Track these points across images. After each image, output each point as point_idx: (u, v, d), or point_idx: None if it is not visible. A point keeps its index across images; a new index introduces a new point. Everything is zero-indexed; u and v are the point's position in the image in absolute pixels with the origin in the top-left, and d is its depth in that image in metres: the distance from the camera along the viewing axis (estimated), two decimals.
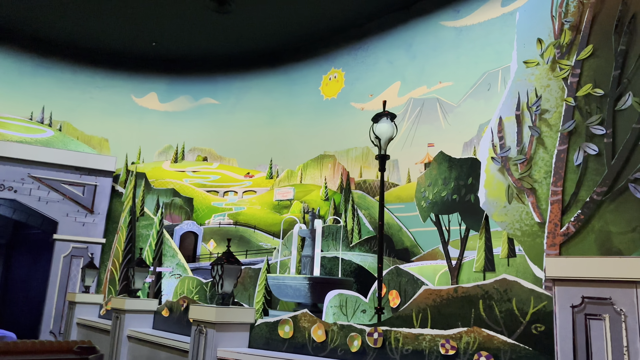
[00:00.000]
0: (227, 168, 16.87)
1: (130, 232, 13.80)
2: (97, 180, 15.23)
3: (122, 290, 13.46)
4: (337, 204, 15.84)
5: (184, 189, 16.51)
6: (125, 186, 15.91)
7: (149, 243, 14.39)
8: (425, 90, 14.56)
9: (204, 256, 15.45)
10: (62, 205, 14.80)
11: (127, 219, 13.94)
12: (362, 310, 8.01)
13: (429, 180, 8.96)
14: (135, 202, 14.62)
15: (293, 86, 18.77)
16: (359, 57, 16.89)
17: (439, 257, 11.65)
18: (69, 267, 14.50)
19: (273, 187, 16.42)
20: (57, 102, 19.40)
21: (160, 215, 14.26)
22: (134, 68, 20.69)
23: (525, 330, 5.01)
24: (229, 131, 18.75)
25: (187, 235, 15.39)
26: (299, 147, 17.47)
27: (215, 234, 15.90)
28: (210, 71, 20.50)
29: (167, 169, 16.72)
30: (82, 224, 14.87)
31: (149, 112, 20.24)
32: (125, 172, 16.22)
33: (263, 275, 11.83)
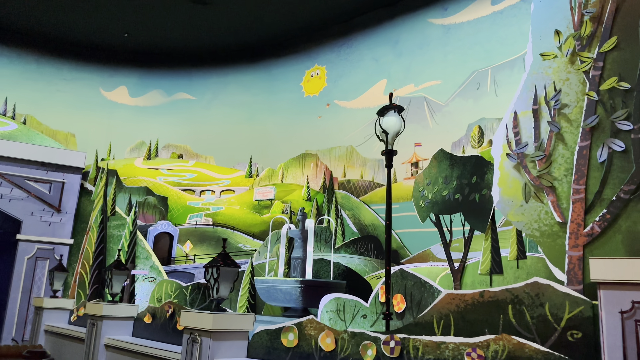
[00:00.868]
0: (204, 166, 16.16)
1: (101, 232, 12.95)
2: (65, 177, 14.29)
3: (93, 294, 12.60)
4: (319, 204, 15.37)
5: (158, 188, 15.71)
6: (95, 184, 15.00)
7: (121, 244, 13.55)
8: (412, 89, 14.27)
9: (180, 258, 14.70)
10: (26, 203, 13.80)
11: (99, 218, 13.08)
12: (362, 316, 7.56)
13: (428, 178, 8.59)
14: (106, 201, 13.75)
15: (273, 82, 18.21)
16: (342, 54, 16.48)
17: (430, 259, 11.33)
18: (34, 269, 13.52)
19: (253, 186, 15.81)
20: (20, 94, 18.22)
21: (134, 215, 13.46)
22: (104, 60, 19.69)
23: (560, 337, 4.66)
24: (205, 128, 18.02)
25: (161, 236, 14.61)
26: (280, 146, 16.92)
27: (192, 235, 15.17)
28: (185, 65, 19.70)
29: (139, 166, 15.87)
30: (49, 224, 13.91)
31: (118, 107, 19.28)
32: (95, 169, 15.30)
33: (246, 278, 11.24)
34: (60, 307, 10.56)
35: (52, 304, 10.48)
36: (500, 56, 12.70)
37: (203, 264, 14.64)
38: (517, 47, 12.45)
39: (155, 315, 7.94)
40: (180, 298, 11.00)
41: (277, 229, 15.01)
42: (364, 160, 14.96)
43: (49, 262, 13.69)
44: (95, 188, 14.77)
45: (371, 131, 15.27)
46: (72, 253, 14.13)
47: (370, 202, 14.50)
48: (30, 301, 13.29)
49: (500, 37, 12.85)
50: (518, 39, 12.49)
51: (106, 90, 19.53)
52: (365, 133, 15.14)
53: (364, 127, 15.19)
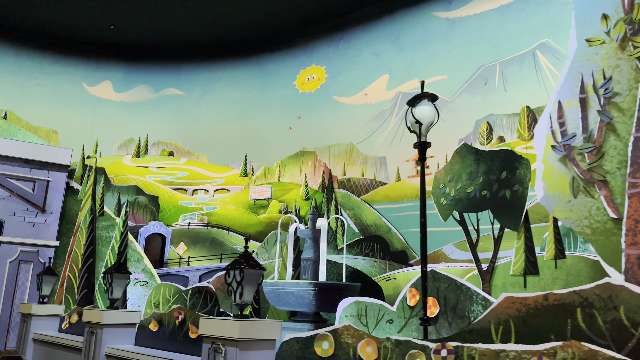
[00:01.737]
0: (197, 164, 15.47)
1: (91, 233, 12.17)
2: (49, 175, 13.45)
3: (83, 300, 11.81)
4: (318, 203, 14.84)
5: (148, 187, 14.95)
6: (81, 182, 14.17)
7: (111, 246, 12.78)
8: (415, 84, 13.85)
9: (173, 261, 13.98)
10: (8, 203, 12.92)
11: (88, 218, 12.29)
12: (388, 321, 7.06)
13: (450, 174, 8.16)
14: (95, 201, 12.96)
15: (266, 79, 17.61)
16: (340, 49, 15.99)
17: (442, 260, 10.91)
18: (16, 273, 12.66)
19: (248, 185, 15.19)
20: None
21: (124, 215, 12.71)
22: (87, 53, 18.79)
23: (638, 344, 4.24)
24: (196, 125, 17.31)
25: (153, 237, 13.87)
26: (276, 143, 16.33)
27: (185, 236, 14.47)
28: (173, 60, 18.94)
29: (128, 164, 15.10)
30: (32, 225, 13.06)
31: (103, 102, 18.40)
32: (81, 167, 14.47)
33: None
34: (50, 314, 9.80)
35: (41, 310, 9.70)
36: (509, 51, 12.38)
37: (198, 266, 13.97)
38: (527, 41, 12.15)
39: (162, 322, 7.30)
40: (180, 302, 10.35)
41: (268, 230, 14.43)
42: (364, 157, 14.50)
43: (33, 266, 12.84)
44: (82, 187, 13.95)
45: (372, 128, 14.84)
46: (57, 256, 13.29)
47: (372, 202, 14.04)
48: (13, 307, 12.43)
49: (508, 31, 12.54)
50: (527, 33, 12.20)
51: (90, 85, 18.64)
52: (366, 130, 14.68)
53: (365, 124, 14.73)
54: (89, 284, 11.84)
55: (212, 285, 10.20)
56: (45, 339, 9.30)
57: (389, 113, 14.28)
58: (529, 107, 11.72)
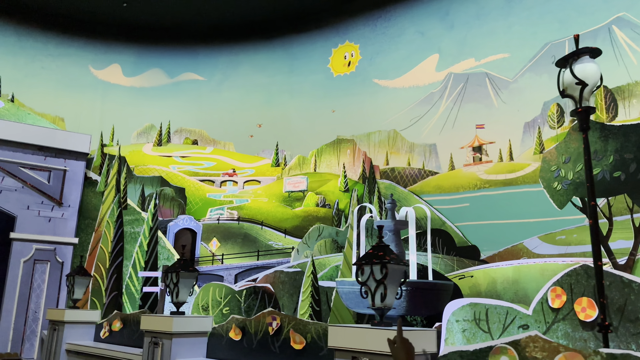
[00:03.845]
0: (224, 153, 14.15)
1: (119, 229, 10.81)
2: (66, 164, 12.03)
3: (112, 303, 10.43)
4: (359, 195, 13.63)
5: (173, 178, 13.59)
6: (100, 172, 12.74)
7: (139, 243, 11.40)
8: (471, 64, 12.74)
9: (205, 259, 12.65)
10: (21, 195, 11.47)
11: (115, 212, 10.91)
12: (521, 326, 5.91)
13: (566, 154, 7.04)
14: (120, 192, 11.57)
15: (294, 61, 16.33)
16: (378, 28, 14.80)
17: (523, 255, 9.81)
18: (32, 274, 11.21)
19: (282, 176, 13.92)
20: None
21: (154, 209, 11.35)
22: (95, 34, 17.29)
23: None
24: (219, 111, 15.97)
25: (182, 233, 12.54)
26: (308, 131, 15.08)
27: (214, 231, 13.15)
28: (189, 42, 17.54)
29: (149, 153, 13.72)
30: (48, 219, 11.64)
31: (112, 87, 16.93)
32: (99, 155, 13.04)
33: (308, 280, 9.41)
34: (85, 321, 8.45)
35: (75, 316, 8.35)
36: (579, 26, 11.32)
37: (233, 264, 12.67)
38: (600, 15, 11.13)
39: (245, 329, 6.03)
40: (233, 305, 9.09)
41: (318, 225, 13.19)
42: (411, 145, 13.34)
43: (49, 266, 11.42)
44: (102, 177, 12.54)
45: (419, 112, 13.69)
46: (74, 254, 11.86)
47: (421, 193, 12.89)
48: (28, 313, 10.98)
49: (577, 5, 11.50)
50: (600, 6, 11.17)
51: (96, 68, 17.15)
52: (411, 115, 13.52)
53: (410, 108, 13.57)
54: (117, 285, 10.47)
55: (270, 285, 8.95)
56: (83, 350, 7.94)
57: (438, 96, 13.14)
58: (606, 87, 10.69)
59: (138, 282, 11.04)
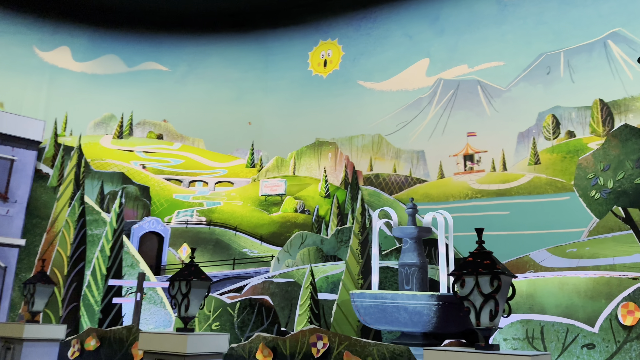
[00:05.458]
0: (193, 150, 12.90)
1: (80, 230, 9.30)
2: (14, 153, 10.33)
3: (71, 316, 8.90)
4: (340, 202, 12.85)
5: (135, 175, 12.16)
6: (53, 165, 11.09)
7: (100, 247, 9.90)
8: (462, 71, 12.40)
9: (173, 267, 11.31)
10: None
11: (77, 210, 9.40)
12: (586, 346, 5.35)
13: (605, 161, 6.65)
14: (79, 187, 10.05)
15: (269, 57, 15.36)
16: (362, 28, 14.19)
17: (530, 268, 9.40)
18: None
19: (258, 178, 12.87)
20: None
21: (119, 208, 9.93)
22: (43, 12, 15.42)
23: None
24: (186, 105, 14.64)
25: (148, 237, 11.14)
26: (285, 131, 14.13)
27: (182, 236, 11.86)
28: (151, 29, 16.07)
29: (107, 146, 12.20)
30: None
31: (60, 72, 15.14)
32: (52, 145, 11.37)
33: (306, 292, 8.49)
34: (47, 338, 7.00)
35: (35, 332, 6.89)
36: (575, 39, 11.30)
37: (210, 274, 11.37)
38: (596, 29, 11.14)
39: (277, 350, 5.04)
40: (224, 320, 8.01)
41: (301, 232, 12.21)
42: (397, 151, 12.78)
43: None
44: (55, 170, 10.91)
45: (406, 117, 13.15)
46: (20, 258, 10.16)
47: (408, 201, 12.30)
48: None
49: (573, 18, 11.47)
50: (596, 20, 11.19)
51: (42, 50, 15.29)
52: (398, 120, 12.98)
53: (397, 113, 13.03)
54: (77, 296, 8.97)
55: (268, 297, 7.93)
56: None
57: (427, 101, 12.69)
58: (602, 100, 10.66)
59: (98, 292, 9.57)
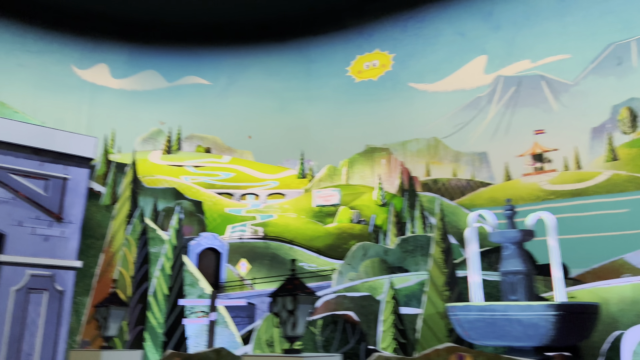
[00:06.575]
0: (242, 163, 12.46)
1: (143, 248, 8.83)
2: (67, 171, 9.94)
3: (137, 340, 8.40)
4: (398, 210, 12.23)
5: (187, 190, 11.75)
6: (104, 183, 10.70)
7: (160, 266, 9.43)
8: (523, 66, 11.82)
9: (233, 284, 10.77)
10: (12, 208, 9.32)
11: (138, 228, 8.95)
12: None
13: None
14: (136, 205, 9.62)
15: (311, 65, 14.98)
16: (409, 29, 13.73)
17: (624, 271, 8.66)
18: (25, 307, 9.01)
19: (310, 188, 12.35)
20: None
21: (178, 225, 9.45)
22: (81, 30, 15.26)
23: None
24: (229, 117, 14.34)
25: (205, 253, 10.62)
26: (332, 139, 13.68)
27: (237, 251, 11.34)
28: (189, 43, 15.82)
29: (157, 162, 11.81)
30: (45, 238, 9.51)
31: (100, 90, 14.96)
32: (104, 163, 11.00)
33: (389, 306, 7.85)
34: None
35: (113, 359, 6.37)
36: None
37: (265, 290, 10.83)
38: None
39: None
40: (306, 338, 7.37)
41: (361, 243, 11.61)
42: (455, 154, 12.20)
43: (47, 296, 9.26)
44: (108, 188, 10.48)
45: (464, 118, 12.58)
46: (77, 281, 9.71)
47: (472, 206, 11.70)
48: (20, 355, 8.73)
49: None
50: None
51: (80, 67, 15.15)
52: (455, 121, 12.42)
53: (453, 114, 12.48)
54: (143, 317, 8.47)
55: (354, 313, 7.32)
56: None
57: (486, 100, 12.13)
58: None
59: (161, 313, 9.05)
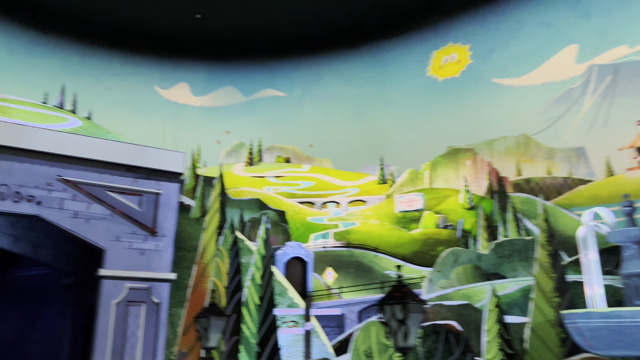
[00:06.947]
0: (322, 171, 12.36)
1: (234, 259, 8.90)
2: (159, 187, 10.25)
3: (233, 351, 8.43)
4: (487, 213, 11.62)
5: (270, 200, 11.78)
6: (193, 196, 10.96)
7: (250, 275, 9.46)
8: (620, 53, 10.92)
9: (320, 293, 10.62)
10: (110, 224, 9.69)
11: (229, 239, 9.04)
12: None
13: None
14: (224, 216, 9.74)
15: (385, 69, 14.73)
16: (489, 23, 13.15)
17: None
18: (125, 319, 9.31)
19: (392, 194, 12.01)
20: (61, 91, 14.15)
21: (265, 235, 9.45)
22: (162, 51, 15.96)
23: None
24: (306, 126, 14.34)
25: (291, 263, 10.56)
26: (411, 143, 13.32)
27: (322, 260, 11.16)
28: (264, 57, 16.09)
29: (240, 174, 11.96)
30: (141, 252, 9.80)
31: (182, 108, 15.46)
32: (192, 177, 11.29)
33: (492, 315, 7.31)
34: None
35: None
36: None
37: (353, 299, 10.59)
38: None
39: None
40: None
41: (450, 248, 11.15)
42: (549, 151, 11.45)
43: (145, 308, 9.52)
44: (197, 201, 10.72)
45: (555, 112, 11.83)
46: (172, 293, 9.94)
47: (571, 206, 10.84)
48: None
49: None
50: None
51: (163, 87, 15.74)
52: (546, 116, 11.68)
53: (544, 108, 11.75)
54: (238, 328, 8.49)
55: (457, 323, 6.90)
56: None
57: (580, 92, 11.32)
58: None
59: (254, 323, 9.04)
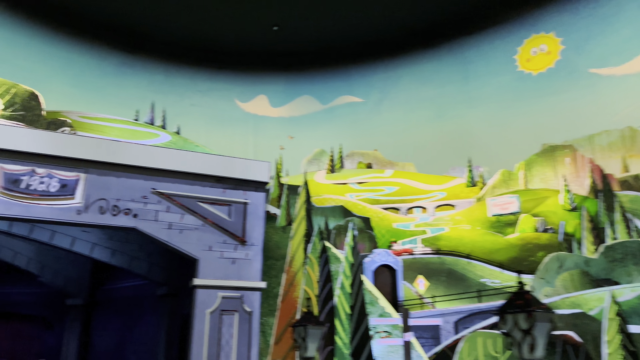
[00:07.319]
0: (405, 175, 11.96)
1: (324, 267, 8.74)
2: (247, 196, 10.34)
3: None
4: (592, 214, 10.70)
5: (353, 207, 11.56)
6: (278, 205, 10.98)
7: (339, 284, 9.25)
8: None
9: (412, 302, 10.21)
10: (202, 234, 9.87)
11: (317, 247, 8.90)
12: None
13: None
14: (311, 223, 9.62)
15: (468, 66, 14.18)
16: (581, 11, 12.29)
17: None
18: (219, 328, 9.40)
19: (483, 196, 11.38)
20: (148, 108, 14.83)
21: (353, 242, 9.20)
22: (240, 66, 16.40)
23: None
24: (386, 131, 14.03)
25: (380, 270, 10.23)
26: (501, 142, 12.64)
27: (411, 268, 10.74)
28: (339, 64, 16.08)
29: (322, 181, 11.84)
30: (232, 261, 9.90)
31: (261, 120, 15.71)
32: (277, 186, 11.34)
33: (613, 324, 6.59)
34: None
35: None
36: None
37: (448, 309, 10.08)
38: None
39: None
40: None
41: (554, 253, 10.39)
42: None
43: (237, 317, 9.57)
44: (282, 210, 10.71)
45: None
46: (262, 302, 9.95)
47: None
48: None
49: None
50: None
51: (242, 101, 16.09)
52: None
53: None
54: (331, 337, 8.29)
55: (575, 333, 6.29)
56: None
57: None
58: None
59: (345, 333, 8.80)
